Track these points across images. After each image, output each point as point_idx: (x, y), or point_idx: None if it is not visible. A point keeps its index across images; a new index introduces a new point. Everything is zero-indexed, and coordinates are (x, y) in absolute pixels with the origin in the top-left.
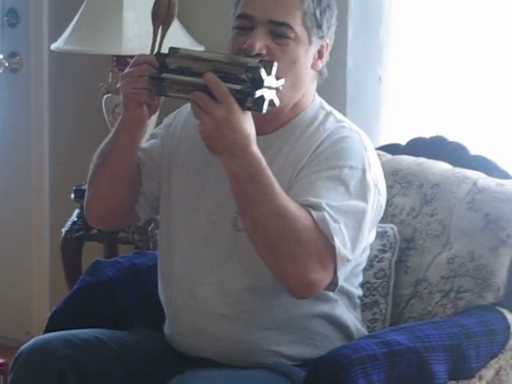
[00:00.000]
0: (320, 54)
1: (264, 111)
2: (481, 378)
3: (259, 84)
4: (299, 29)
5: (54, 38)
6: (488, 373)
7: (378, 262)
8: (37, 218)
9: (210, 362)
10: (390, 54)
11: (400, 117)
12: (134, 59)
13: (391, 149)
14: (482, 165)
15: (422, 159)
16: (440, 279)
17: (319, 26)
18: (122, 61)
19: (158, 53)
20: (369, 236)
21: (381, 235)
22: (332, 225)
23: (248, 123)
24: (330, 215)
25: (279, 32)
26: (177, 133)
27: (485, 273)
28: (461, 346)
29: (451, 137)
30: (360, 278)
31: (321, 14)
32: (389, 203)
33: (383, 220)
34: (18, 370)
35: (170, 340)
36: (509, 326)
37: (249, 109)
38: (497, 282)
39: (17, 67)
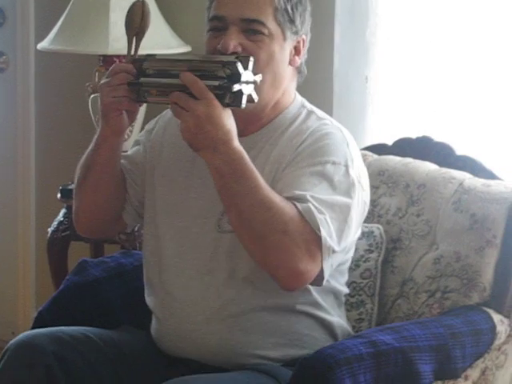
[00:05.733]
0: (297, 50)
1: (243, 106)
2: (466, 378)
3: (237, 78)
4: (272, 25)
5: (40, 37)
6: (474, 373)
7: (365, 262)
8: (23, 217)
9: (195, 363)
10: (376, 54)
11: (386, 117)
12: (111, 68)
13: (377, 149)
14: (468, 165)
15: (408, 159)
16: (426, 279)
17: (292, 22)
18: (108, 61)
19: (135, 58)
20: (354, 234)
21: (367, 235)
22: (317, 215)
23: (229, 119)
24: (315, 206)
25: (252, 29)
26: (158, 138)
27: (471, 273)
28: (447, 346)
29: (437, 137)
30: (346, 277)
31: (292, 9)
32: (375, 203)
33: (369, 220)
34: (4, 365)
35: (156, 341)
36: (494, 326)
37: (228, 105)
38: (483, 282)
39: (3, 67)
